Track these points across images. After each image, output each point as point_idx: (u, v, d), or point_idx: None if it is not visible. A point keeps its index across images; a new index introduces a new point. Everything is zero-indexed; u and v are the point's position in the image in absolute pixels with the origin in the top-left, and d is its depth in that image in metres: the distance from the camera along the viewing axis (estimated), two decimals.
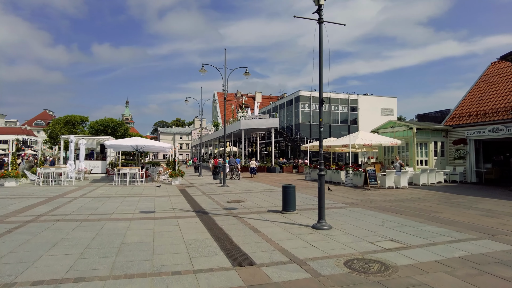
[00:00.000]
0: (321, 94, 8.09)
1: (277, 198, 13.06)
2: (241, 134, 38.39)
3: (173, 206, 10.99)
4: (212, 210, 10.29)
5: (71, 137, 21.82)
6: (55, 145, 35.08)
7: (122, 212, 9.61)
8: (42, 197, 12.89)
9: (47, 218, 8.47)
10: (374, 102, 42.52)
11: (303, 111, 38.67)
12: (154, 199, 12.71)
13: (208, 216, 9.25)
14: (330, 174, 20.07)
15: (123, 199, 12.67)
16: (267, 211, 10.04)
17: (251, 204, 11.42)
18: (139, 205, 11.05)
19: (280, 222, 8.41)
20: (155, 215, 9.23)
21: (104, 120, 38.48)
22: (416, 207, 11.06)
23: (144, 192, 15.06)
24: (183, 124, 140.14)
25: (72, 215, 8.97)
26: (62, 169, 18.76)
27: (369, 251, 5.97)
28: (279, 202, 11.79)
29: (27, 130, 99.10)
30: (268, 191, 15.80)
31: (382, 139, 19.79)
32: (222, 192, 15.46)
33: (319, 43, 8.10)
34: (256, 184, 19.69)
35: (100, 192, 14.79)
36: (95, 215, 9.12)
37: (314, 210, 10.31)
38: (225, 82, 18.93)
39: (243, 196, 13.70)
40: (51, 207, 10.36)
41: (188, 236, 6.88)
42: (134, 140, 20.76)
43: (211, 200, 12.68)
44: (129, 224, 7.93)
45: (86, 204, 11.02)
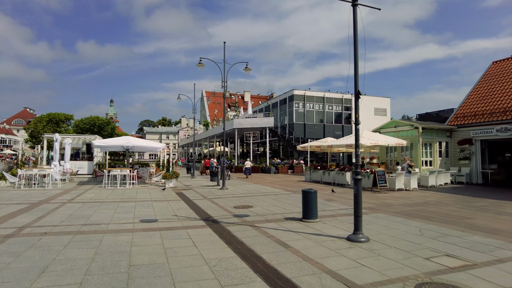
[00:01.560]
0: (356, 85, 7.05)
1: (287, 202, 12.01)
2: (234, 133, 37.20)
3: (176, 213, 9.77)
4: (221, 217, 9.13)
5: (56, 136, 20.18)
6: (37, 144, 33.03)
7: (119, 222, 8.33)
8: (23, 202, 11.42)
9: (31, 231, 7.13)
10: (367, 102, 41.90)
11: (297, 111, 37.75)
12: (152, 205, 11.44)
13: (220, 225, 8.09)
14: (334, 175, 19.14)
15: (116, 204, 11.34)
16: (284, 219, 8.95)
17: (262, 210, 10.31)
18: (137, 212, 9.77)
19: (306, 233, 7.33)
20: (159, 225, 8.00)
21: (90, 119, 36.47)
22: (441, 212, 10.18)
23: (138, 196, 13.73)
24: (169, 124, 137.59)
25: (62, 226, 7.64)
26: (46, 170, 17.17)
27: (432, 271, 4.95)
28: (292, 208, 10.74)
29: (5, 129, 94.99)
30: (273, 194, 14.71)
31: (387, 139, 19.00)
32: (223, 195, 14.29)
33: (354, 28, 7.07)
34: (256, 186, 18.58)
35: (90, 197, 13.38)
36: (89, 225, 7.82)
37: (335, 217, 9.30)
38: (225, 78, 17.75)
39: (249, 200, 12.57)
40: (35, 215, 8.98)
41: (208, 254, 5.72)
42: (125, 139, 19.32)
43: (215, 205, 11.50)
44: (132, 238, 6.69)
45: (76, 212, 9.66)
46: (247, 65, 18.12)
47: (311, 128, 37.92)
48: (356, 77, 7.04)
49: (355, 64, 7.04)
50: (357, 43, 7.07)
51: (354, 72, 7.05)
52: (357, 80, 7.04)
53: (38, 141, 36.84)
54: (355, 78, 7.05)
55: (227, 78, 17.77)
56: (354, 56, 7.05)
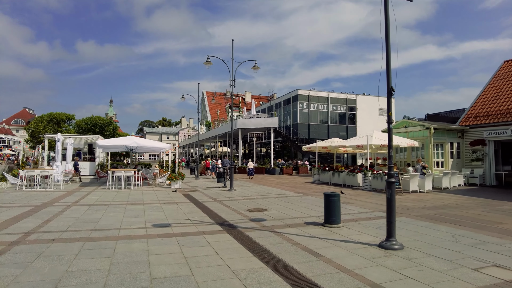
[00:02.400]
0: (389, 81, 6.55)
1: (302, 205, 11.51)
2: (237, 134, 36.70)
3: (188, 217, 9.25)
4: (237, 222, 8.62)
5: (58, 136, 19.65)
6: (37, 144, 32.46)
7: (131, 226, 7.81)
8: (26, 205, 10.89)
9: (38, 238, 6.60)
10: (371, 102, 41.50)
11: (301, 111, 37.27)
12: (161, 207, 10.92)
13: (238, 231, 7.57)
14: (344, 176, 18.64)
15: (124, 207, 10.81)
16: (305, 224, 8.44)
17: (278, 214, 9.80)
18: (147, 216, 9.25)
19: (333, 239, 6.82)
20: (173, 230, 7.49)
21: (91, 118, 35.83)
22: (467, 216, 9.69)
23: (145, 198, 13.21)
24: (169, 124, 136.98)
25: (70, 232, 7.12)
26: (48, 171, 16.62)
27: (488, 285, 4.45)
28: (308, 211, 10.23)
29: (5, 129, 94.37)
30: (284, 196, 14.21)
31: (399, 139, 18.49)
32: (232, 197, 13.77)
33: (385, 19, 6.58)
34: (264, 188, 18.07)
35: (95, 199, 12.85)
36: (99, 231, 7.29)
37: (357, 221, 8.79)
38: (233, 76, 17.24)
39: (261, 203, 12.07)
40: (40, 219, 8.45)
41: (234, 264, 5.21)
42: (130, 139, 18.79)
43: (227, 208, 10.99)
44: (147, 245, 6.17)
45: (83, 215, 9.14)
46: (256, 64, 17.63)
47: (315, 129, 37.43)
48: (388, 71, 6.54)
49: (387, 58, 6.54)
50: (389, 34, 6.58)
51: (386, 66, 6.55)
52: (389, 74, 6.54)
53: (39, 141, 36.28)
54: (387, 73, 6.55)
55: (234, 77, 17.27)
56: (386, 49, 6.55)
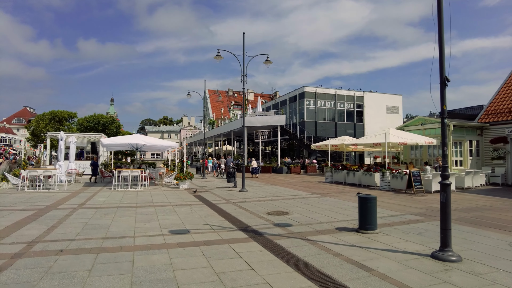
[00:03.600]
0: (443, 71, 5.76)
1: (324, 208, 10.74)
2: (243, 132, 35.93)
3: (206, 221, 8.48)
4: (261, 227, 7.85)
5: (61, 134, 18.89)
6: (39, 143, 31.71)
7: (146, 234, 7.04)
8: (29, 208, 10.13)
9: (44, 248, 5.84)
10: (379, 99, 40.74)
11: (308, 108, 36.44)
12: (174, 210, 10.15)
13: (265, 238, 6.80)
14: (360, 176, 17.86)
15: (134, 210, 10.05)
16: (336, 230, 7.67)
17: (303, 218, 9.02)
18: (161, 220, 8.49)
19: (377, 249, 6.05)
20: (194, 238, 6.71)
21: (94, 117, 35.01)
22: (509, 219, 8.92)
23: (155, 200, 12.45)
24: (170, 123, 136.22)
25: (79, 241, 6.35)
26: (51, 171, 15.87)
27: None
28: (334, 215, 9.46)
29: (5, 128, 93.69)
30: (301, 197, 13.44)
31: (416, 137, 17.72)
32: (247, 199, 13.01)
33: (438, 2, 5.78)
34: (276, 188, 17.30)
35: (101, 201, 12.09)
36: (112, 239, 6.52)
37: (392, 226, 8.02)
38: (244, 71, 16.45)
39: (279, 205, 11.30)
40: (45, 225, 7.68)
41: (276, 281, 4.43)
42: (136, 138, 18.04)
43: (245, 210, 10.22)
44: (169, 257, 5.41)
45: (92, 220, 8.37)
46: (268, 58, 16.84)
47: (322, 127, 36.62)
48: (441, 58, 5.75)
49: (440, 43, 5.75)
50: (442, 19, 5.78)
51: (439, 53, 5.76)
52: (443, 62, 5.75)
53: (40, 140, 35.51)
54: (441, 61, 5.76)
55: (246, 72, 16.47)
56: (438, 34, 5.76)
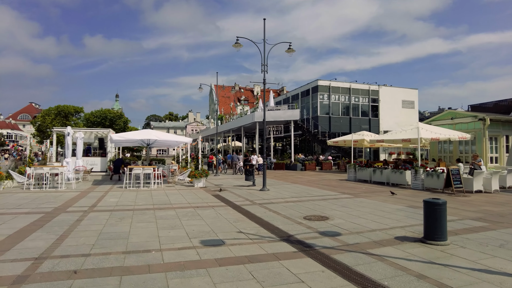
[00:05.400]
0: None
1: (364, 211, 9.53)
2: (254, 127, 34.74)
3: (238, 228, 7.31)
4: (305, 236, 6.67)
5: (68, 129, 17.80)
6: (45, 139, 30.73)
7: (174, 245, 5.88)
8: (35, 211, 9.03)
9: (53, 268, 4.69)
10: (394, 93, 39.29)
11: (321, 102, 35.12)
12: (197, 213, 9.00)
13: (318, 252, 5.62)
14: (388, 174, 16.59)
15: (153, 214, 8.91)
16: (396, 239, 6.46)
17: (348, 224, 7.82)
18: (186, 227, 7.33)
19: (467, 268, 4.83)
20: (233, 252, 5.54)
21: (101, 111, 33.91)
22: None
23: (172, 201, 11.31)
24: (176, 119, 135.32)
25: (96, 257, 5.20)
26: (58, 169, 14.79)
27: None
28: (382, 219, 8.24)
29: (11, 124, 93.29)
30: (332, 198, 12.24)
31: (449, 132, 16.41)
32: (273, 200, 11.82)
33: None
34: (298, 187, 16.11)
35: (114, 201, 10.97)
36: (135, 254, 5.37)
37: (458, 234, 6.79)
38: (265, 61, 15.20)
39: (312, 207, 10.11)
40: (54, 234, 6.55)
41: None
42: (147, 133, 16.91)
43: (276, 214, 9.04)
44: (213, 283, 4.24)
45: (107, 227, 7.23)
46: (290, 46, 15.57)
47: (336, 121, 35.31)
48: None
49: None
50: None
51: None
52: None
53: (46, 136, 34.57)
54: None
55: (266, 61, 15.21)
56: None
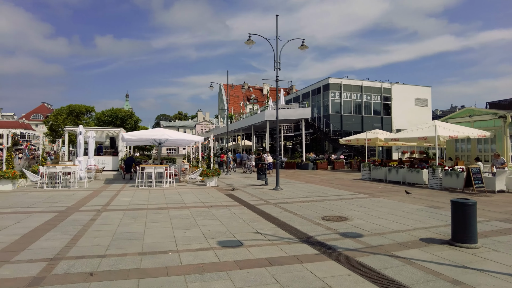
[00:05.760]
0: None
1: (383, 211, 9.22)
2: (264, 126, 34.47)
3: (255, 228, 7.09)
4: (325, 237, 6.40)
5: (80, 129, 17.81)
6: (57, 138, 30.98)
7: (191, 246, 5.68)
8: (48, 210, 8.95)
9: (68, 269, 4.52)
10: (407, 91, 38.54)
11: (333, 101, 34.66)
12: (212, 213, 8.80)
13: (341, 254, 5.36)
14: (404, 173, 16.18)
15: (167, 213, 8.74)
16: (421, 241, 6.16)
17: (369, 225, 7.52)
18: (202, 227, 7.13)
19: (506, 274, 4.52)
20: (253, 253, 5.31)
21: (112, 111, 34.06)
22: None
23: (185, 200, 11.14)
24: (185, 118, 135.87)
25: (112, 258, 5.02)
26: (71, 168, 14.79)
27: None
28: (403, 220, 7.93)
29: (24, 124, 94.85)
30: (348, 198, 11.94)
31: (468, 130, 15.92)
32: (286, 199, 11.57)
33: None
34: (312, 186, 15.83)
35: (127, 201, 10.85)
36: (151, 256, 5.18)
37: (488, 237, 6.43)
38: (277, 58, 14.94)
39: (328, 207, 9.83)
40: (68, 234, 6.41)
41: None
42: (159, 131, 16.79)
43: (293, 214, 8.78)
44: (234, 286, 4.02)
45: (121, 227, 7.08)
46: (303, 42, 15.27)
47: (348, 120, 34.82)
48: None
49: None
50: None
51: None
52: None
53: (58, 135, 34.89)
54: None
55: (279, 58, 14.94)
56: None
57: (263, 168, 16.44)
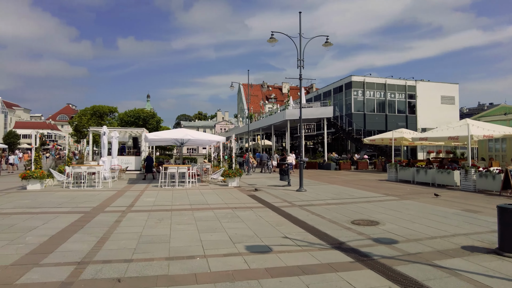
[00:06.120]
0: None
1: (416, 215, 8.75)
2: (284, 126, 34.10)
3: (282, 232, 6.82)
4: (358, 243, 6.07)
5: (103, 129, 18.06)
6: (82, 138, 31.75)
7: (218, 251, 5.49)
8: (74, 211, 9.00)
9: (96, 274, 4.41)
10: (433, 89, 37.22)
11: (356, 99, 33.88)
12: (237, 215, 8.60)
13: (377, 262, 5.02)
14: (433, 174, 15.48)
15: (191, 215, 8.61)
16: (463, 249, 5.73)
17: (401, 230, 7.11)
18: (228, 230, 6.94)
19: None
20: (283, 260, 5.06)
21: (134, 111, 34.63)
22: None
23: (208, 200, 11.02)
24: (205, 118, 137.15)
25: (139, 263, 4.89)
26: (95, 168, 14.98)
27: None
28: (439, 225, 7.47)
29: (51, 124, 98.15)
30: (376, 200, 11.49)
31: (504, 128, 15.07)
32: (311, 201, 11.25)
33: None
34: (337, 187, 15.42)
35: (151, 201, 10.83)
36: (179, 261, 5.01)
37: None
38: (301, 56, 14.61)
39: (357, 210, 9.44)
40: (94, 236, 6.36)
41: None
42: (182, 132, 16.80)
43: (320, 217, 8.46)
44: None
45: (146, 229, 6.98)
46: (328, 39, 14.87)
47: (371, 119, 33.95)
48: None
49: None
50: None
51: None
52: None
53: (83, 135, 35.78)
54: None
55: (303, 56, 14.60)
56: None
57: (286, 168, 16.12)
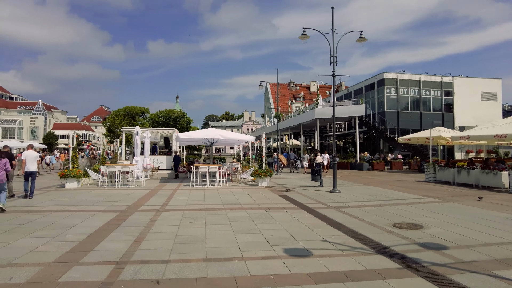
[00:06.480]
0: None
1: (462, 218, 8.19)
2: (313, 125, 33.51)
3: (321, 235, 6.53)
4: (403, 248, 5.67)
5: (136, 129, 18.43)
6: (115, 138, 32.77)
7: (256, 254, 5.29)
8: (110, 210, 9.13)
9: (135, 275, 4.33)
10: (472, 85, 35.24)
11: (388, 97, 32.71)
12: (270, 216, 8.38)
13: (428, 270, 4.63)
14: (477, 175, 14.54)
15: (225, 215, 8.49)
16: None
17: (449, 235, 6.61)
18: (263, 231, 6.73)
19: None
20: (325, 265, 4.77)
21: (165, 112, 35.43)
22: None
23: (241, 201, 10.87)
24: (232, 118, 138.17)
25: (176, 264, 4.78)
26: (129, 167, 15.28)
27: None
28: (491, 231, 6.92)
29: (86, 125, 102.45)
30: (416, 202, 10.89)
31: None
32: (347, 202, 10.83)
33: None
34: (372, 189, 14.86)
35: (183, 200, 10.84)
36: (217, 263, 4.86)
37: None
38: (334, 52, 14.19)
39: (398, 213, 8.95)
40: (130, 236, 6.35)
41: None
42: (213, 131, 16.82)
43: (358, 220, 8.06)
44: None
45: (181, 229, 6.91)
46: (362, 35, 14.35)
47: (405, 117, 32.65)
48: None
49: None
50: None
51: None
52: None
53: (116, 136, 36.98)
54: None
55: (336, 52, 14.17)
56: None
57: (318, 168, 15.71)
